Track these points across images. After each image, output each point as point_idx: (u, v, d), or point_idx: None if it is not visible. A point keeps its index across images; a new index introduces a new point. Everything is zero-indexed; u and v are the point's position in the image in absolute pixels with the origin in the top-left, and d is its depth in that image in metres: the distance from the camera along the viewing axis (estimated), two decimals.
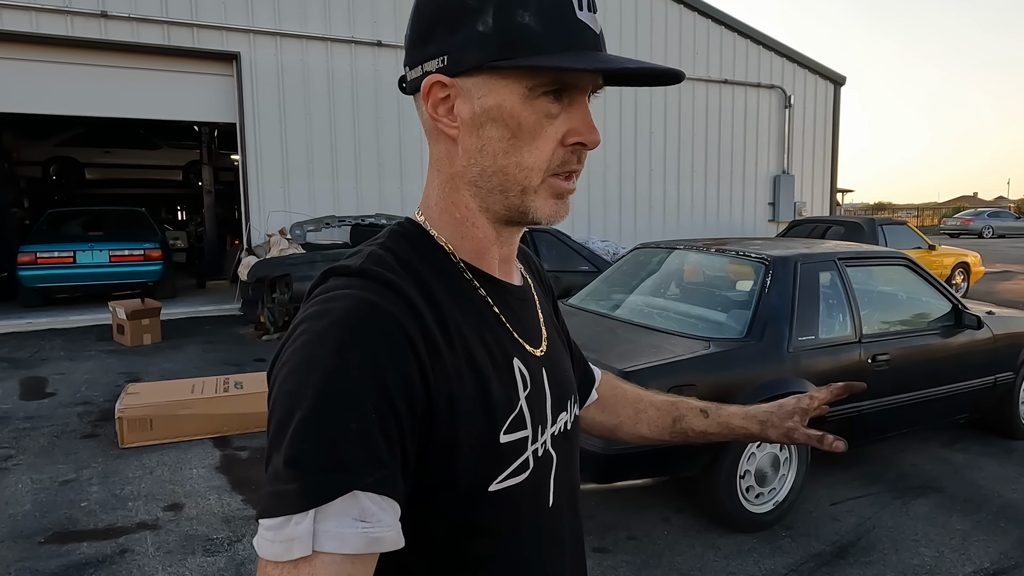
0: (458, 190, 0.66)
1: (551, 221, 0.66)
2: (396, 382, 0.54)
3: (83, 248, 8.28)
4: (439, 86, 0.62)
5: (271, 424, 0.54)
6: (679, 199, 12.22)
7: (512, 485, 0.64)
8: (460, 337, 0.62)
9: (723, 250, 3.73)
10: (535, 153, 0.62)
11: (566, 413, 0.75)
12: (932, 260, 9.94)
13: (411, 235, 0.67)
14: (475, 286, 0.67)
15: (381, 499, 0.52)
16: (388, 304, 0.57)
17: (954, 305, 3.89)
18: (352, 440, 0.52)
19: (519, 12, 0.58)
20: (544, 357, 0.72)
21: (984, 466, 3.93)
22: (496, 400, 0.62)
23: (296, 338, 0.56)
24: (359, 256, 0.64)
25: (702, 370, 2.91)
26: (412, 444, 0.56)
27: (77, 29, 7.65)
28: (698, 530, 3.13)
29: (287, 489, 0.51)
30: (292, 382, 0.54)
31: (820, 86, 13.63)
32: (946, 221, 30.78)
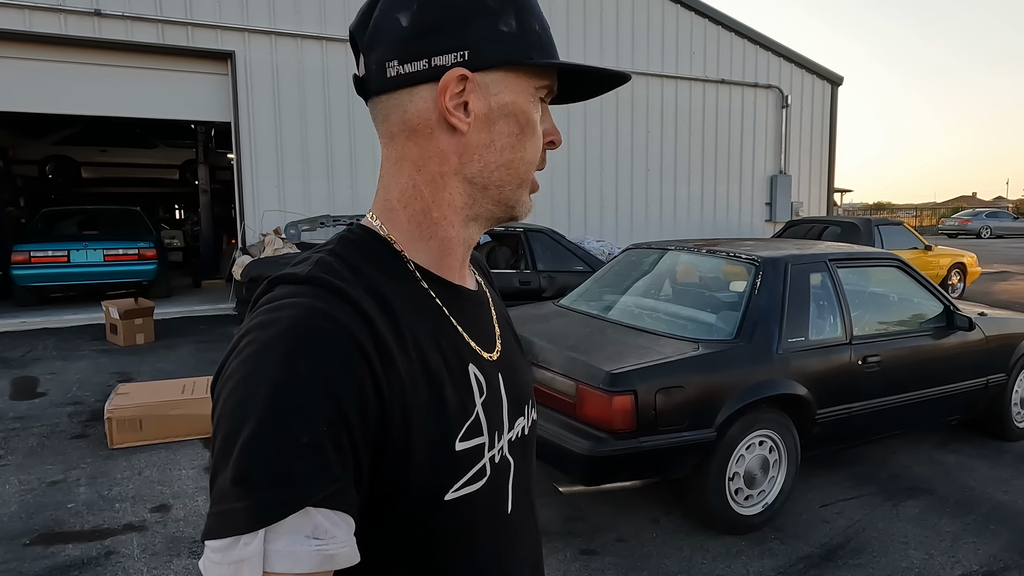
0: (445, 188, 0.65)
1: (524, 216, 0.70)
2: (347, 392, 0.53)
3: (77, 247, 8.26)
4: (460, 79, 0.61)
5: (216, 440, 0.52)
6: (676, 199, 12.21)
7: (469, 493, 0.63)
8: (414, 343, 0.60)
9: (714, 251, 3.72)
10: (533, 149, 0.66)
11: (523, 418, 0.74)
12: (928, 260, 9.93)
13: (362, 241, 0.66)
14: (429, 292, 0.66)
15: (334, 514, 0.51)
16: (337, 311, 0.55)
17: (946, 306, 3.88)
18: (303, 454, 0.50)
19: (533, 21, 0.64)
20: (499, 361, 0.71)
21: (976, 467, 3.92)
22: (451, 407, 0.61)
23: (241, 350, 0.54)
24: (307, 263, 0.62)
25: (690, 372, 2.90)
26: (366, 455, 0.54)
27: (71, 28, 7.62)
28: (687, 532, 3.12)
29: (235, 508, 0.49)
30: (238, 395, 0.52)
31: (817, 86, 13.62)
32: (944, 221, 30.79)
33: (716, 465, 2.97)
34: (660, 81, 11.80)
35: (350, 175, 9.38)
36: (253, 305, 0.60)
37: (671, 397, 2.82)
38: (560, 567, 2.83)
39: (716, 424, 2.90)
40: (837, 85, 13.87)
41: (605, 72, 0.68)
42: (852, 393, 3.35)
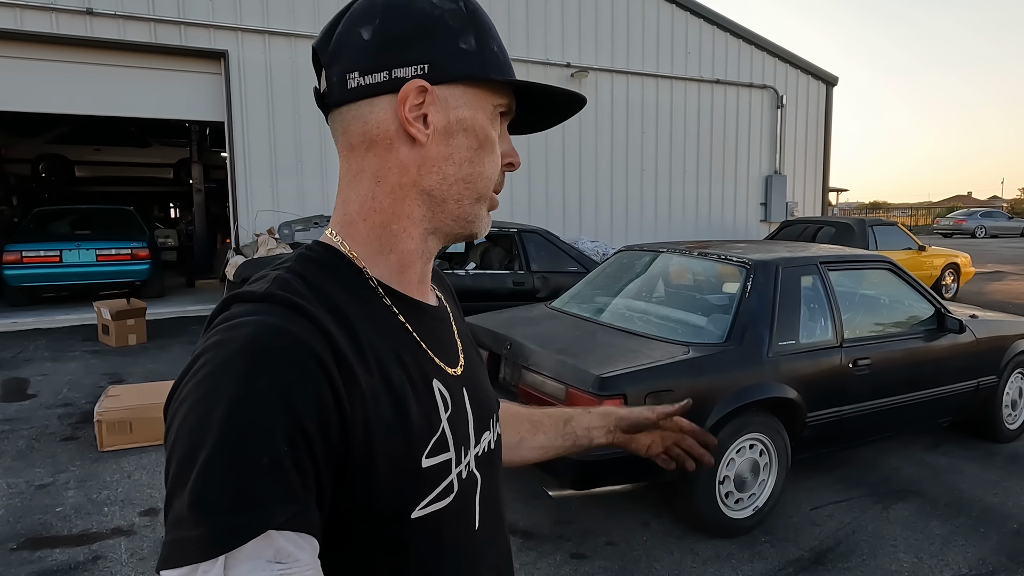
0: (404, 200, 0.65)
1: (483, 233, 0.70)
2: (308, 410, 0.52)
3: (70, 247, 8.22)
4: (420, 91, 0.63)
5: (171, 465, 0.50)
6: (671, 199, 12.21)
7: (436, 510, 0.62)
8: (376, 359, 0.60)
9: (705, 254, 3.71)
10: (492, 166, 0.67)
11: (489, 432, 0.74)
12: (922, 261, 9.96)
13: (321, 257, 0.65)
14: (391, 307, 0.65)
15: (298, 537, 0.50)
16: (296, 328, 0.54)
17: (937, 309, 3.88)
18: (263, 475, 0.49)
19: (492, 42, 0.66)
20: (463, 376, 0.71)
21: (966, 469, 3.93)
22: (416, 423, 0.61)
23: (197, 370, 0.53)
24: (264, 281, 0.61)
25: (680, 375, 2.89)
26: (328, 474, 0.53)
27: (62, 26, 7.57)
28: (677, 535, 3.12)
29: (192, 535, 0.47)
30: (194, 417, 0.50)
31: (812, 86, 13.63)
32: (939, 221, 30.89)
33: (706, 469, 2.96)
34: (655, 81, 11.79)
35: None
36: (209, 325, 0.59)
37: (661, 401, 2.81)
38: (550, 571, 2.83)
39: (706, 428, 2.90)
40: (832, 85, 13.88)
41: (560, 91, 0.69)
42: (842, 396, 3.35)
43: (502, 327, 3.60)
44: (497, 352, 3.44)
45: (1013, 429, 4.32)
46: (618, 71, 11.39)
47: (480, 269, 7.03)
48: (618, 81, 11.43)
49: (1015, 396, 4.32)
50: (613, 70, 11.32)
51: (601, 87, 11.27)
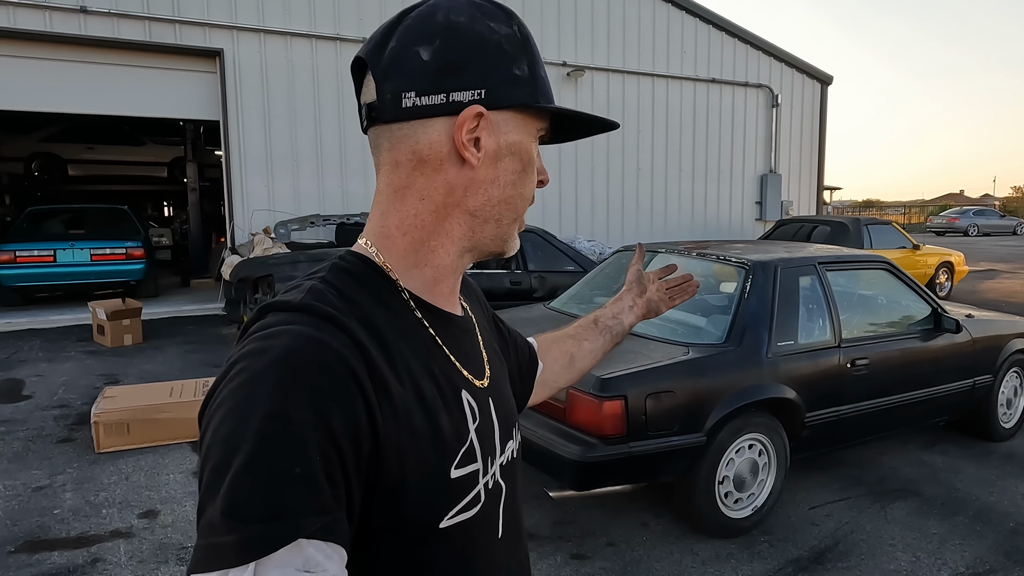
0: (447, 219, 0.66)
1: (513, 251, 0.73)
2: (341, 422, 0.53)
3: (64, 247, 8.17)
4: (476, 116, 0.64)
5: (204, 471, 0.51)
6: (666, 198, 12.23)
7: (464, 520, 0.63)
8: (407, 371, 0.61)
9: (704, 254, 3.72)
10: (530, 187, 0.70)
11: (512, 441, 0.76)
12: (916, 260, 10.01)
13: (355, 268, 0.66)
14: (421, 320, 0.66)
15: (327, 546, 0.51)
16: (331, 339, 0.55)
17: (933, 309, 3.90)
18: (295, 485, 0.49)
19: (540, 67, 0.68)
20: (489, 388, 0.72)
21: (962, 469, 3.95)
22: (446, 434, 0.62)
23: (232, 378, 0.54)
24: (299, 291, 0.62)
25: (680, 376, 2.90)
26: (358, 486, 0.54)
27: (56, 25, 7.52)
28: (677, 535, 3.13)
29: (224, 541, 0.48)
30: (229, 425, 0.51)
31: (807, 85, 13.68)
32: (932, 219, 31.04)
33: (706, 469, 2.97)
34: (651, 80, 11.81)
35: (340, 174, 9.34)
36: (244, 332, 0.60)
37: (661, 402, 2.82)
38: (551, 572, 2.83)
39: (706, 428, 2.91)
40: (827, 84, 13.93)
41: (599, 120, 0.73)
42: (841, 396, 3.36)
43: None
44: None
45: (1009, 428, 4.35)
46: (614, 70, 11.40)
47: (477, 268, 7.02)
48: (614, 80, 11.45)
49: (1010, 395, 4.34)
50: (609, 69, 11.33)
51: (597, 86, 11.28)
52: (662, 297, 1.15)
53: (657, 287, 1.15)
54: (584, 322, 1.09)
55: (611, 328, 1.08)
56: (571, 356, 1.04)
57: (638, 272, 1.15)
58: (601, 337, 1.07)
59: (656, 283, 1.16)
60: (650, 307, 1.14)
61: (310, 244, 8.37)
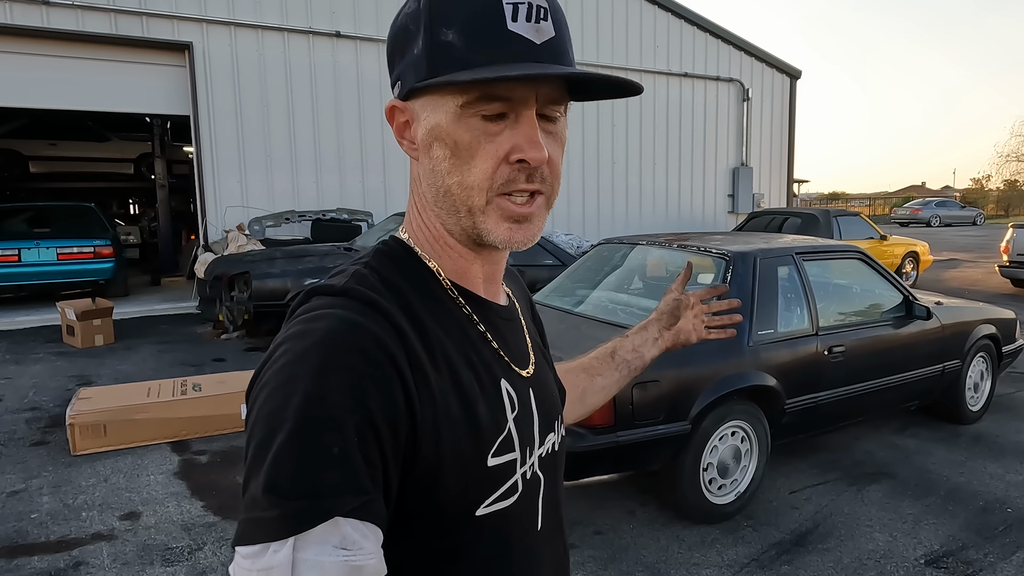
0: (425, 209, 0.67)
1: (508, 246, 0.63)
2: (379, 405, 0.53)
3: (28, 246, 7.94)
4: (398, 111, 0.64)
5: (249, 447, 0.53)
6: (641, 192, 12.35)
7: (500, 509, 0.63)
8: (445, 358, 0.61)
9: (685, 246, 3.78)
10: (474, 172, 0.60)
11: (553, 434, 0.74)
12: (884, 250, 10.27)
13: (396, 254, 0.67)
14: (461, 305, 0.66)
15: (363, 525, 0.51)
16: (372, 324, 0.56)
17: (905, 297, 4.02)
18: (334, 465, 0.51)
19: (443, 31, 0.58)
20: (531, 378, 0.71)
21: (933, 451, 4.08)
22: (483, 422, 0.62)
23: (277, 359, 0.55)
24: (343, 275, 0.63)
25: (665, 366, 2.94)
26: (395, 468, 0.55)
27: (16, 17, 7.29)
28: (663, 523, 3.18)
29: (265, 516, 0.49)
30: (272, 404, 0.52)
31: (777, 80, 13.90)
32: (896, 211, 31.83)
33: (691, 457, 3.03)
34: (624, 75, 11.87)
35: (315, 169, 9.22)
36: (291, 315, 0.61)
37: (647, 391, 2.86)
38: None
39: (691, 417, 2.96)
40: (796, 79, 14.18)
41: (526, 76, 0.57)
42: (819, 383, 3.45)
43: None
44: None
45: (976, 411, 4.50)
46: (588, 64, 11.44)
47: None
48: None
49: (977, 379, 4.50)
50: (582, 63, 11.37)
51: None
52: (696, 327, 1.06)
53: (696, 312, 1.06)
54: (601, 353, 1.02)
55: (629, 363, 1.02)
56: (583, 391, 0.99)
57: (675, 302, 1.05)
58: (617, 372, 1.02)
59: (696, 308, 1.06)
60: (678, 339, 1.06)
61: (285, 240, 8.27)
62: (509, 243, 0.63)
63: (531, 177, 0.61)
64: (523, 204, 0.62)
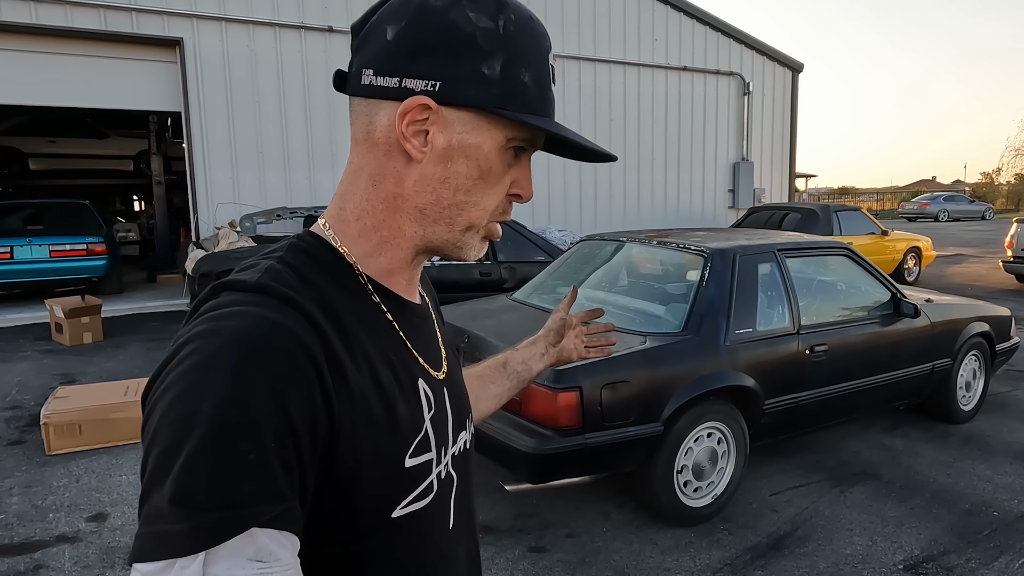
0: (397, 211, 0.64)
1: (474, 259, 0.69)
2: (298, 407, 0.51)
3: (21, 243, 7.94)
4: (423, 108, 0.60)
5: (150, 457, 0.49)
6: (639, 187, 12.24)
7: (416, 510, 0.63)
8: (365, 357, 0.60)
9: (665, 242, 3.70)
10: (492, 198, 0.65)
11: (465, 432, 0.75)
12: (885, 245, 10.13)
13: (313, 249, 0.64)
14: (380, 305, 0.65)
15: (280, 535, 0.49)
16: (289, 322, 0.54)
17: (893, 294, 3.93)
18: (249, 472, 0.48)
19: (523, 71, 0.61)
20: (445, 379, 0.72)
21: (922, 451, 3.99)
22: (402, 422, 0.61)
23: (183, 359, 0.51)
24: (255, 270, 0.59)
25: (637, 366, 2.87)
26: (312, 473, 0.53)
27: (5, 13, 7.25)
28: (637, 525, 3.12)
29: (172, 530, 0.46)
30: (179, 409, 0.49)
31: (778, 73, 13.74)
32: (904, 205, 31.53)
33: (664, 459, 2.96)
34: (622, 68, 11.77)
35: (307, 166, 9.18)
36: (194, 312, 0.57)
37: (617, 392, 2.79)
38: (507, 566, 2.80)
39: (663, 418, 2.89)
40: (798, 72, 14.01)
41: (587, 147, 0.66)
42: (800, 382, 3.37)
43: (461, 319, 3.54)
44: (456, 345, 3.39)
45: (967, 410, 4.41)
46: (585, 58, 11.34)
47: (444, 260, 6.95)
48: (585, 69, 11.39)
49: (969, 378, 4.40)
50: (580, 57, 11.27)
51: (568, 75, 11.21)
52: (577, 346, 1.13)
53: (577, 332, 1.14)
54: (494, 363, 1.07)
55: (519, 374, 1.07)
56: (476, 397, 1.01)
57: (561, 321, 1.12)
58: (508, 381, 1.06)
59: (577, 328, 1.14)
60: (562, 356, 1.12)
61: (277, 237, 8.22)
62: (476, 258, 0.69)
63: (509, 208, 0.68)
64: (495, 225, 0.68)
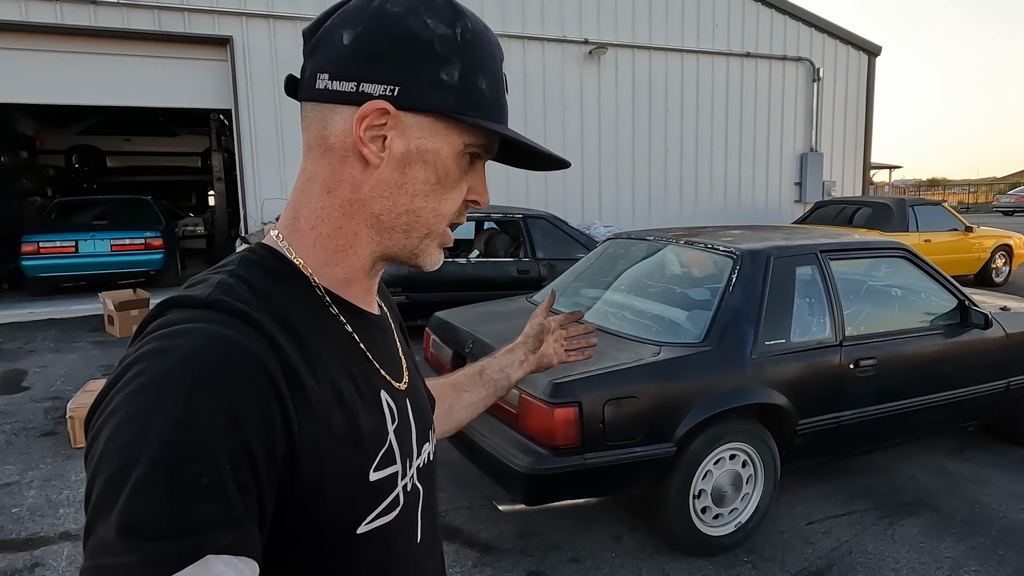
0: (353, 218, 0.63)
1: (432, 268, 0.67)
2: (255, 427, 0.49)
3: (85, 237, 8.30)
4: (381, 113, 0.59)
5: (95, 485, 0.46)
6: (697, 180, 11.70)
7: (381, 525, 0.61)
8: (324, 370, 0.58)
9: (693, 242, 3.39)
10: (449, 203, 0.64)
11: (428, 443, 0.74)
12: (970, 243, 9.30)
13: (266, 262, 0.62)
14: (338, 317, 0.63)
15: (238, 561, 0.47)
16: (244, 338, 0.52)
17: (960, 301, 3.48)
18: (203, 497, 0.46)
19: (479, 77, 0.62)
20: (407, 390, 0.70)
21: (991, 480, 3.53)
22: (365, 436, 0.60)
23: (130, 380, 0.49)
24: (205, 285, 0.57)
25: (646, 380, 2.61)
26: (271, 494, 0.51)
27: (67, 16, 7.58)
28: (649, 552, 2.86)
29: (120, 563, 0.43)
30: (127, 434, 0.46)
31: (852, 57, 12.84)
32: (999, 198, 29.13)
33: (677, 482, 2.68)
34: (680, 56, 11.26)
35: None
36: (142, 330, 0.54)
37: (622, 408, 2.54)
38: None
39: (676, 438, 2.61)
40: (875, 56, 13.06)
41: (541, 152, 0.66)
42: (841, 401, 3.01)
43: (470, 324, 3.36)
44: (461, 352, 3.21)
45: None
46: (639, 46, 10.91)
47: (485, 257, 6.79)
48: (639, 57, 10.96)
49: None
50: (634, 45, 10.84)
51: (621, 64, 10.82)
52: (557, 351, 1.11)
53: (556, 337, 1.11)
54: (470, 371, 1.05)
55: (496, 382, 1.05)
56: (450, 406, 1.01)
57: (539, 326, 1.10)
58: (484, 390, 1.04)
59: (556, 333, 1.11)
60: (541, 362, 1.10)
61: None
62: (434, 267, 0.67)
63: (465, 212, 0.67)
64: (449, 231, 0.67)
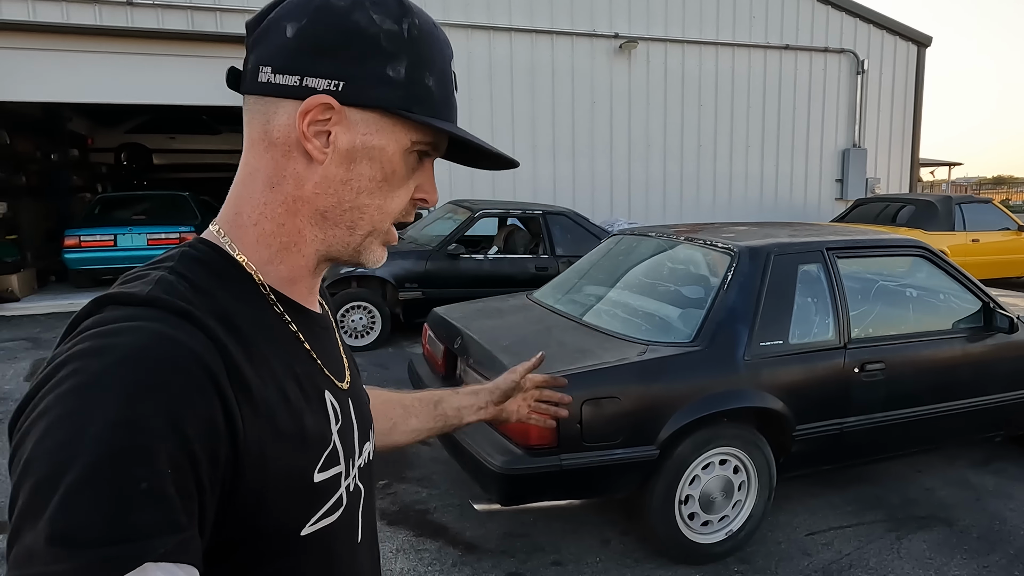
0: (297, 214, 0.62)
1: (375, 266, 0.67)
2: (196, 429, 0.48)
3: (123, 232, 8.61)
4: (325, 107, 0.58)
5: (21, 491, 0.44)
6: (731, 177, 11.39)
7: (325, 526, 0.61)
8: (269, 370, 0.57)
9: (692, 238, 3.27)
10: (395, 201, 0.64)
11: (369, 443, 0.74)
12: (1022, 243, 8.80)
13: (208, 258, 0.60)
14: (283, 316, 0.62)
15: (177, 568, 0.45)
16: (185, 338, 0.50)
17: (984, 303, 3.27)
18: (141, 502, 0.44)
19: (427, 74, 0.61)
20: (349, 389, 0.70)
21: (1017, 494, 3.31)
22: (310, 436, 0.59)
23: (62, 380, 0.46)
24: (143, 282, 0.55)
25: (627, 380, 2.52)
26: (213, 498, 0.50)
27: (105, 18, 7.85)
28: (637, 558, 2.77)
29: (51, 572, 0.41)
30: (59, 436, 0.44)
31: (900, 48, 12.29)
32: None
33: (662, 487, 2.59)
34: (714, 49, 10.97)
35: None
36: (72, 328, 0.52)
37: (601, 409, 2.46)
38: None
39: (659, 441, 2.52)
40: (924, 47, 12.47)
41: (489, 151, 0.65)
42: (844, 406, 2.86)
43: (462, 320, 3.32)
44: (451, 349, 3.18)
45: None
46: (672, 40, 10.67)
47: (504, 254, 6.75)
48: (672, 51, 10.72)
49: None
50: (666, 39, 10.61)
51: (653, 58, 10.60)
52: (520, 408, 1.08)
53: (526, 396, 1.08)
54: (426, 398, 1.03)
55: (448, 418, 1.02)
56: (394, 425, 0.98)
57: (513, 383, 1.05)
58: (433, 422, 1.02)
59: (528, 392, 1.08)
60: (499, 416, 1.07)
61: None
62: (376, 264, 0.66)
63: (412, 211, 0.67)
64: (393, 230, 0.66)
